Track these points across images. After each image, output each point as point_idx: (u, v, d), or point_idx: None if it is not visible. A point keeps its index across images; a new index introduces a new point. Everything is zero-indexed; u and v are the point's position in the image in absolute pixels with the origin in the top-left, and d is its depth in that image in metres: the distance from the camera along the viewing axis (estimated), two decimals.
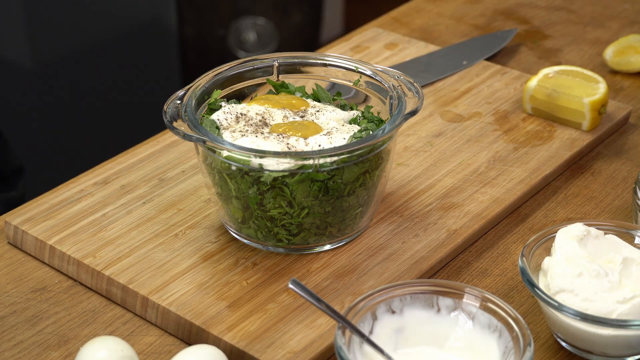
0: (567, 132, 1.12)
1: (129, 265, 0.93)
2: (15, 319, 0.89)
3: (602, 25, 1.41)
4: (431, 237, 0.96)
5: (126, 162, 1.07)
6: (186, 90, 0.94)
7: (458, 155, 1.08)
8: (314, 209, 0.90)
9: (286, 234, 0.92)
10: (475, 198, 1.02)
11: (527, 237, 0.99)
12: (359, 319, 0.81)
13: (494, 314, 0.82)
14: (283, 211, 0.90)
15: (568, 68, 1.17)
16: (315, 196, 0.89)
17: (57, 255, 0.94)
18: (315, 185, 0.89)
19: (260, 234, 0.93)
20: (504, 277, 0.94)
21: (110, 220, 0.98)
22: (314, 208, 0.90)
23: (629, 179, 1.07)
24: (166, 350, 0.87)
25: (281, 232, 0.92)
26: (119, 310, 0.91)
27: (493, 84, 1.22)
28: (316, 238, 0.93)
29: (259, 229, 0.92)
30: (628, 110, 1.17)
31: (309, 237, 0.92)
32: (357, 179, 0.91)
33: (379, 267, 0.93)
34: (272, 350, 0.84)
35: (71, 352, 0.86)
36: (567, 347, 0.86)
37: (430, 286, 0.84)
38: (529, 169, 1.06)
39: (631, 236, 0.89)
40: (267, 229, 0.92)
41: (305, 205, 0.90)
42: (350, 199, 0.91)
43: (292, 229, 0.91)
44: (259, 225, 0.92)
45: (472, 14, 1.44)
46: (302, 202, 0.89)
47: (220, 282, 0.91)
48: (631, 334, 0.82)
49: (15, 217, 0.98)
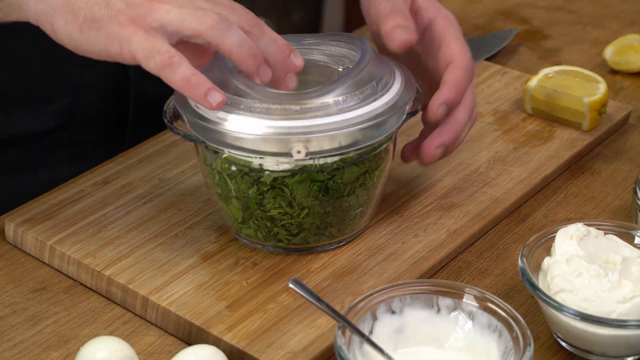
0: (567, 132, 1.12)
1: (129, 265, 0.93)
2: (15, 319, 0.89)
3: (602, 25, 1.41)
4: (431, 237, 0.96)
5: (126, 162, 1.07)
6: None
7: (458, 155, 1.08)
8: (314, 209, 0.90)
9: (286, 234, 0.92)
10: (475, 198, 1.02)
11: (527, 237, 0.99)
12: (359, 319, 0.81)
13: (494, 314, 0.82)
14: (283, 211, 0.90)
15: (568, 68, 1.17)
16: (315, 196, 0.89)
17: (57, 255, 0.94)
18: (315, 185, 0.89)
19: (260, 234, 0.93)
20: (504, 277, 0.94)
21: (110, 220, 0.98)
22: (314, 208, 0.90)
23: (629, 179, 1.07)
24: (166, 350, 0.87)
25: (281, 232, 0.92)
26: (119, 310, 0.91)
27: (493, 84, 1.22)
28: (316, 238, 0.93)
29: (258, 229, 0.92)
30: (628, 110, 1.17)
31: (309, 237, 0.92)
32: (357, 179, 0.90)
33: (379, 267, 0.93)
34: (272, 350, 0.84)
35: (71, 352, 0.86)
36: (567, 347, 0.86)
37: (430, 286, 0.84)
38: (529, 169, 1.06)
39: (631, 236, 0.89)
40: (267, 229, 0.92)
41: (305, 205, 0.90)
42: (350, 199, 0.91)
43: (292, 229, 0.91)
44: (259, 226, 0.92)
45: (472, 14, 1.44)
46: (302, 202, 0.89)
47: (220, 282, 0.91)
48: (631, 333, 0.82)
49: (15, 217, 0.98)
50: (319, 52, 0.97)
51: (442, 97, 0.91)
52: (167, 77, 0.81)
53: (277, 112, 0.85)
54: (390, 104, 0.89)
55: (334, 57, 0.96)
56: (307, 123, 0.85)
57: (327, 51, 0.96)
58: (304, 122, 0.85)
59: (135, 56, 0.81)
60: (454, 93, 0.91)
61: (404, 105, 0.90)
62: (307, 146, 0.85)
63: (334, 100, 0.86)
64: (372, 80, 0.89)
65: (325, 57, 0.96)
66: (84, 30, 0.82)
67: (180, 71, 0.81)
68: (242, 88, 0.86)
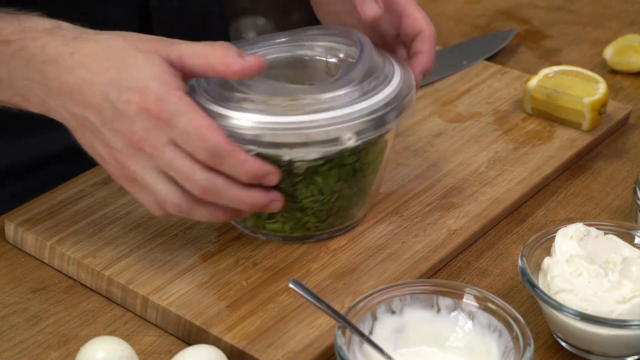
0: (567, 132, 1.12)
1: (129, 265, 0.93)
2: (15, 319, 0.89)
3: (602, 25, 1.41)
4: (431, 237, 0.96)
5: None
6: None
7: (458, 155, 1.08)
8: (344, 191, 0.92)
9: (315, 221, 0.93)
10: (475, 198, 1.02)
11: (527, 237, 0.99)
12: (359, 319, 0.81)
13: (493, 314, 0.82)
14: (314, 199, 0.91)
15: (568, 68, 1.17)
16: (345, 179, 0.91)
17: (57, 255, 0.94)
18: (345, 169, 0.90)
19: (288, 226, 0.93)
20: (504, 277, 0.94)
21: (110, 220, 0.98)
22: (343, 191, 0.92)
23: (629, 179, 1.07)
24: (166, 350, 0.87)
25: (311, 220, 0.93)
26: (119, 310, 0.91)
27: (493, 84, 1.22)
28: (341, 220, 0.95)
29: (286, 221, 0.93)
30: (628, 110, 1.17)
31: (336, 221, 0.95)
32: (376, 158, 0.93)
33: (379, 267, 0.93)
34: (272, 350, 0.84)
35: (71, 352, 0.86)
36: (567, 347, 0.86)
37: (430, 286, 0.84)
38: (529, 169, 1.06)
39: (631, 236, 0.89)
40: (296, 219, 0.93)
41: (335, 189, 0.92)
42: (371, 177, 0.94)
43: (321, 215, 0.93)
44: (288, 218, 0.93)
45: (472, 14, 1.44)
46: (332, 187, 0.91)
47: (220, 282, 0.91)
48: (631, 333, 0.82)
49: (15, 217, 0.98)
50: (309, 46, 0.98)
51: (420, 66, 0.97)
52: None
53: (316, 104, 0.87)
54: (405, 83, 0.93)
55: (327, 49, 0.98)
56: (351, 110, 0.88)
57: (320, 44, 0.98)
58: (348, 110, 0.88)
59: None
60: (430, 62, 0.97)
61: (411, 85, 0.95)
62: (355, 132, 0.88)
63: (360, 86, 0.90)
64: (383, 64, 0.93)
65: (316, 50, 0.98)
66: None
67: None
68: (258, 88, 0.88)
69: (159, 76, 0.83)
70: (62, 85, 0.85)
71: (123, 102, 0.82)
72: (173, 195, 0.84)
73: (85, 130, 0.86)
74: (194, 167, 0.83)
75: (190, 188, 0.84)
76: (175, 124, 0.82)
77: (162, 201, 0.85)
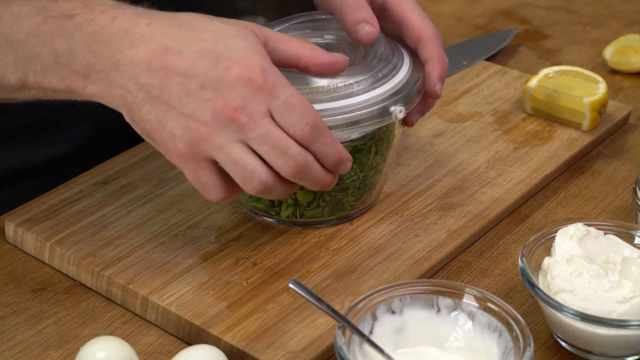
0: (567, 132, 1.12)
1: (129, 265, 0.93)
2: (15, 319, 0.89)
3: (602, 25, 1.41)
4: (431, 237, 0.96)
5: (126, 162, 1.07)
6: None
7: (458, 155, 1.08)
8: (380, 166, 0.96)
9: (352, 200, 0.96)
10: (475, 198, 1.02)
11: (527, 237, 0.99)
12: (359, 319, 0.81)
13: (493, 314, 0.82)
14: (357, 177, 0.94)
15: (568, 68, 1.17)
16: (382, 153, 0.95)
17: (57, 255, 0.94)
18: (382, 142, 0.94)
19: (328, 210, 0.95)
20: (504, 277, 0.94)
21: (110, 220, 0.98)
22: (379, 166, 0.95)
23: (629, 179, 1.07)
24: (166, 350, 0.87)
25: (349, 200, 0.96)
26: (119, 310, 0.91)
27: (493, 84, 1.22)
28: (372, 197, 0.98)
29: (327, 205, 0.95)
30: (628, 110, 1.17)
31: (368, 197, 0.97)
32: (396, 129, 0.96)
33: (379, 267, 0.93)
34: (272, 350, 0.84)
35: (71, 352, 0.86)
36: (567, 347, 0.86)
37: (430, 286, 0.84)
38: (529, 169, 1.06)
39: (631, 236, 0.89)
40: (337, 202, 0.95)
41: (374, 164, 0.95)
42: (392, 151, 0.97)
43: (358, 193, 0.96)
44: (329, 201, 0.95)
45: (472, 14, 1.44)
46: (372, 162, 0.94)
47: (220, 282, 0.91)
48: (631, 333, 0.82)
49: (15, 217, 0.98)
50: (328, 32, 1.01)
51: (435, 74, 0.95)
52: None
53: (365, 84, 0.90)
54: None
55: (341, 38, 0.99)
56: (395, 85, 0.92)
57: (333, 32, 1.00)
58: (390, 85, 0.91)
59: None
60: (442, 67, 0.96)
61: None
62: (403, 105, 0.90)
63: (400, 64, 0.94)
64: (399, 47, 0.97)
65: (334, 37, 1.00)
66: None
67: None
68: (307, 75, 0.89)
69: (258, 49, 0.80)
70: (137, 55, 0.79)
71: (221, 70, 0.78)
72: (261, 170, 0.80)
73: (156, 103, 0.79)
74: (290, 141, 0.80)
75: (284, 163, 0.80)
76: (278, 95, 0.79)
77: (248, 177, 0.80)
